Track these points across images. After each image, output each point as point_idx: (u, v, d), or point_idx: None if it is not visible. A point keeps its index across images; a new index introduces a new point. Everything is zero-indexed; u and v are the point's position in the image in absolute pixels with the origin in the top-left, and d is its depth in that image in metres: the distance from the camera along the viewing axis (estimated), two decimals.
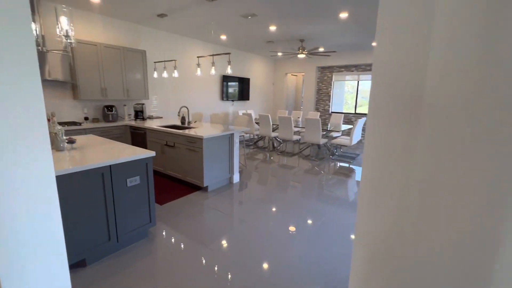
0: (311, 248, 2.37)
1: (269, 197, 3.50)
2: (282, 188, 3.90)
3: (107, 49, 4.37)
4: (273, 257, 2.21)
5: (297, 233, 2.60)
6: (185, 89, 6.25)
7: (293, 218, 2.94)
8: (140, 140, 4.34)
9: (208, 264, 2.11)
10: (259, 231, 2.62)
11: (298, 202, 3.38)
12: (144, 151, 2.34)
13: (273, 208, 3.16)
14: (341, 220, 2.92)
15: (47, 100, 4.00)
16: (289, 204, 3.29)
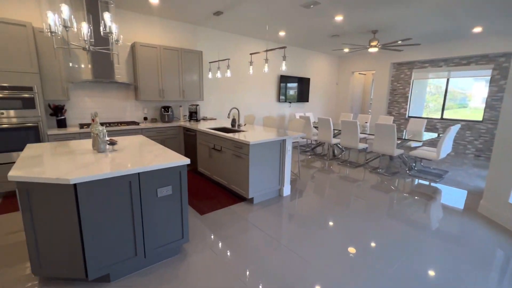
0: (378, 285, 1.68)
1: (325, 216, 2.87)
2: (342, 205, 3.20)
3: (166, 51, 4.44)
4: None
5: (358, 266, 1.93)
6: (239, 90, 6.05)
7: (353, 244, 2.26)
8: (191, 142, 4.26)
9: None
10: (311, 259, 2.05)
11: (361, 225, 2.65)
12: (179, 157, 2.07)
13: (330, 231, 2.53)
14: (419, 254, 2.09)
15: (114, 100, 4.26)
16: (350, 227, 2.59)
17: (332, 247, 2.33)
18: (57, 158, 1.99)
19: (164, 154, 2.16)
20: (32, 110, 3.22)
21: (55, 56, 3.48)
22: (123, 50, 4.29)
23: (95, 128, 2.18)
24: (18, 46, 3.06)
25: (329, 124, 5.16)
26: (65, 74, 3.59)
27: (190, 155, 4.40)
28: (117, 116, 4.40)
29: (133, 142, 2.71)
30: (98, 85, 4.14)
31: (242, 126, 4.11)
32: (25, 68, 3.13)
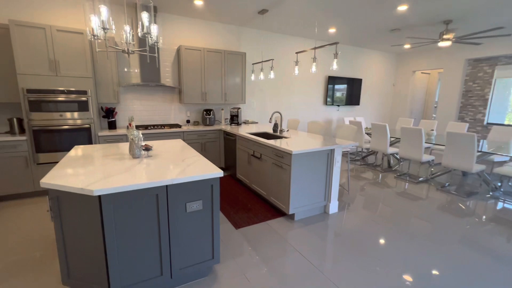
0: None
1: (379, 240, 2.36)
2: (399, 227, 2.63)
3: (210, 54, 4.37)
4: None
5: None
6: (282, 92, 5.72)
7: (413, 277, 1.75)
8: (231, 146, 4.09)
9: None
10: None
11: (423, 253, 2.08)
12: (211, 168, 1.85)
13: (384, 259, 2.04)
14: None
15: (160, 103, 4.34)
16: (410, 256, 2.05)
17: (386, 280, 1.85)
18: (93, 162, 1.95)
19: (197, 164, 1.97)
20: (86, 112, 3.40)
21: (109, 61, 3.65)
22: (169, 54, 4.36)
23: (131, 132, 2.10)
24: (76, 52, 3.26)
25: (385, 130, 4.49)
26: (116, 78, 3.75)
27: (230, 160, 4.24)
28: (162, 119, 4.49)
29: (170, 147, 2.61)
30: (145, 89, 4.27)
31: (284, 132, 3.78)
32: (81, 73, 3.32)
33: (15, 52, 2.96)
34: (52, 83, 3.19)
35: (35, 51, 3.05)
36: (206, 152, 4.37)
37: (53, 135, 3.26)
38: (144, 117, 4.34)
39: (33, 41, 3.03)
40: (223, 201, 3.30)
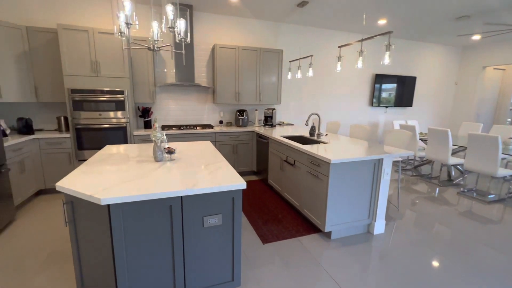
0: None
1: (434, 272, 1.87)
2: (462, 257, 2.07)
3: (245, 52, 4.18)
4: None
5: None
6: (321, 92, 5.27)
7: None
8: (264, 150, 3.84)
9: None
10: None
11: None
12: (234, 179, 1.61)
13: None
14: None
15: (194, 103, 4.30)
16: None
17: None
18: (114, 165, 1.87)
19: (220, 171, 1.75)
20: (123, 112, 3.48)
21: (146, 61, 3.69)
22: (205, 54, 4.29)
23: (154, 134, 1.98)
24: (115, 53, 3.34)
25: (446, 137, 3.78)
26: (152, 78, 3.78)
27: (262, 164, 3.99)
28: (195, 119, 4.44)
29: (196, 150, 2.45)
30: (180, 89, 4.26)
31: (322, 136, 3.39)
32: (119, 73, 3.40)
33: (62, 54, 3.13)
34: (93, 84, 3.31)
35: (79, 53, 3.19)
36: (237, 154, 4.19)
37: (93, 133, 3.39)
38: (178, 117, 4.34)
39: (77, 44, 3.17)
40: (251, 209, 3.07)
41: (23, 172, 3.00)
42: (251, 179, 4.18)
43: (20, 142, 2.96)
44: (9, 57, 3.06)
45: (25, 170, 3.03)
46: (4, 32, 2.99)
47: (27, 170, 3.07)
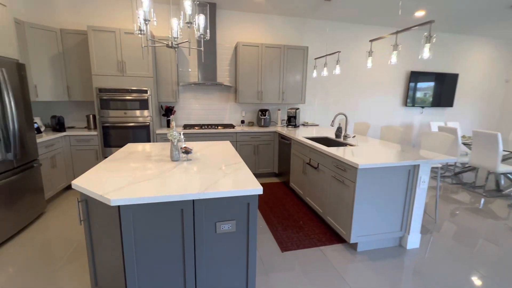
0: None
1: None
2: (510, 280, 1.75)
3: (268, 49, 4.06)
4: None
5: None
6: (349, 91, 4.96)
7: None
8: (286, 151, 3.69)
9: None
10: None
11: None
12: (250, 183, 1.49)
13: None
14: None
15: (216, 102, 4.26)
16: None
17: None
18: (131, 164, 1.85)
19: (236, 174, 1.65)
20: (146, 110, 3.53)
21: (169, 60, 3.72)
22: (227, 52, 4.23)
23: (170, 133, 1.93)
24: (141, 53, 3.40)
25: (495, 142, 3.32)
26: (175, 77, 3.81)
27: (284, 166, 3.83)
28: (217, 118, 4.41)
29: (214, 150, 2.38)
30: (202, 88, 4.25)
31: (349, 138, 3.15)
32: (144, 72, 3.45)
33: (91, 54, 3.24)
34: (119, 83, 3.40)
35: (106, 53, 3.29)
36: (258, 155, 4.08)
37: (118, 131, 3.48)
38: (200, 116, 4.33)
39: (105, 44, 3.27)
40: (271, 213, 2.93)
41: (54, 167, 3.15)
42: (272, 181, 4.04)
43: (52, 138, 3.11)
44: (45, 59, 3.24)
45: (56, 166, 3.19)
46: (41, 35, 3.17)
47: (58, 166, 3.23)
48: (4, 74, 2.24)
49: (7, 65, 2.30)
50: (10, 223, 2.33)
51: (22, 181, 2.48)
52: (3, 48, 2.36)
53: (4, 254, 2.15)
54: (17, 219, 2.42)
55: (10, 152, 2.31)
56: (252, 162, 4.08)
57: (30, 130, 2.63)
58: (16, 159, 2.40)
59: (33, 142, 2.66)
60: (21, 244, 2.28)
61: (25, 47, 3.03)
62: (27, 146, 2.57)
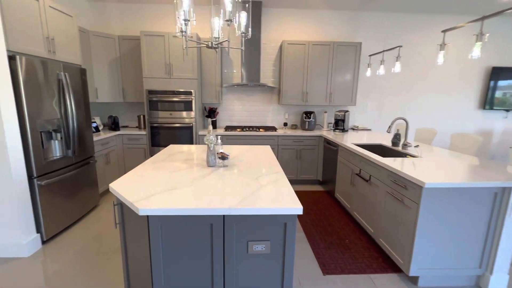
0: None
1: None
2: None
3: (315, 47, 3.77)
4: None
5: None
6: (410, 91, 4.33)
7: None
8: (332, 158, 3.36)
9: None
10: None
11: None
12: (288, 200, 1.29)
13: None
14: None
15: (259, 104, 4.15)
16: None
17: None
18: (167, 167, 1.82)
19: (273, 186, 1.47)
20: (190, 112, 3.59)
21: (213, 62, 3.73)
22: (272, 52, 4.07)
23: (207, 138, 1.84)
24: (187, 56, 3.46)
25: None
26: (219, 78, 3.80)
27: (329, 174, 3.51)
28: (259, 120, 4.29)
29: (253, 155, 2.24)
30: (245, 89, 4.17)
31: (410, 147, 2.69)
32: (189, 74, 3.51)
33: (143, 58, 3.42)
34: (166, 85, 3.52)
35: (156, 56, 3.43)
36: (301, 160, 3.82)
37: (164, 132, 3.61)
38: (242, 118, 4.26)
39: (155, 48, 3.41)
40: (312, 226, 2.67)
41: (108, 163, 3.41)
42: (315, 189, 3.75)
43: (107, 137, 3.37)
44: (105, 64, 3.53)
45: (110, 162, 3.45)
46: (102, 42, 3.46)
47: (112, 162, 3.49)
48: (67, 78, 2.46)
49: (70, 70, 2.53)
50: (70, 213, 2.56)
51: (80, 175, 2.71)
52: (68, 55, 2.60)
53: (63, 240, 2.35)
54: (75, 210, 2.64)
55: (70, 149, 2.53)
56: (294, 167, 3.84)
57: (88, 129, 2.87)
58: (75, 155, 2.62)
59: (90, 140, 2.90)
60: (76, 233, 2.48)
61: (89, 53, 3.33)
62: (85, 144, 2.80)
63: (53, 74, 2.32)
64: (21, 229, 2.09)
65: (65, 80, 2.43)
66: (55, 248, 2.24)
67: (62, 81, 2.41)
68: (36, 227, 2.23)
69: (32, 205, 2.19)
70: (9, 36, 1.97)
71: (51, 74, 2.29)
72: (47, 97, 2.26)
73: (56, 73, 2.35)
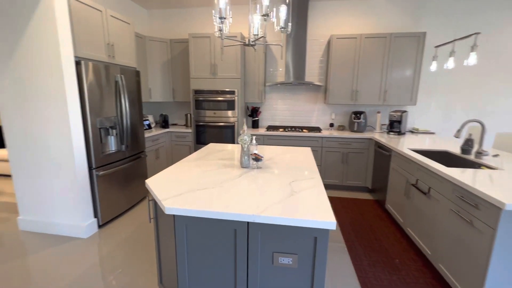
0: None
1: None
2: None
3: (368, 41, 3.41)
4: None
5: None
6: (488, 87, 3.58)
7: None
8: (383, 164, 3.00)
9: None
10: None
11: None
12: (322, 211, 1.15)
13: None
14: None
15: (303, 103, 3.99)
16: None
17: None
18: (201, 166, 1.83)
19: (306, 194, 1.33)
20: (232, 111, 3.63)
21: (257, 61, 3.70)
22: (319, 49, 3.83)
23: (241, 138, 1.80)
24: (230, 55, 3.50)
25: None
26: (262, 77, 3.75)
27: (379, 181, 3.15)
28: (303, 120, 4.10)
29: (290, 158, 2.11)
30: (289, 88, 4.03)
31: (487, 156, 2.20)
32: (232, 74, 3.55)
33: (190, 59, 3.58)
34: (211, 85, 3.62)
35: (202, 57, 3.56)
36: (347, 165, 3.51)
37: (208, 130, 3.73)
38: (285, 117, 4.14)
39: (201, 49, 3.53)
40: (356, 238, 2.41)
41: (157, 158, 3.68)
42: (362, 197, 3.40)
43: (158, 134, 3.63)
44: (158, 66, 3.81)
45: (159, 157, 3.71)
46: (156, 46, 3.74)
47: (161, 157, 3.76)
48: (123, 80, 2.70)
49: (126, 72, 2.78)
50: (122, 202, 2.83)
51: (131, 168, 2.97)
52: (125, 59, 2.87)
53: (115, 226, 2.61)
54: (127, 200, 2.91)
55: (123, 144, 2.78)
56: (339, 172, 3.56)
57: (141, 127, 3.12)
58: (128, 150, 2.88)
59: (142, 137, 3.15)
60: (127, 221, 2.72)
61: (144, 57, 3.64)
62: (137, 140, 3.06)
63: (112, 77, 2.57)
64: (82, 213, 2.37)
65: (121, 81, 2.68)
66: (108, 233, 2.49)
67: (119, 83, 2.66)
68: (94, 213, 2.51)
69: (91, 193, 2.47)
70: (77, 44, 2.24)
71: (110, 77, 2.55)
72: (106, 97, 2.52)
73: (114, 76, 2.61)
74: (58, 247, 2.26)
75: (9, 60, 2.21)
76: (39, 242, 2.33)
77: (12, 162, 2.41)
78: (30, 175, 2.39)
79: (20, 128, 2.32)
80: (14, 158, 2.40)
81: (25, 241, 2.35)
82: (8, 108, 2.30)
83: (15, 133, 2.34)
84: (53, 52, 2.10)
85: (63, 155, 2.28)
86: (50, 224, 2.45)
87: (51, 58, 2.12)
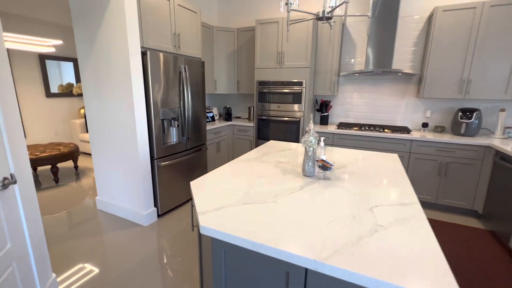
0: None
1: None
2: None
3: (495, 10, 2.44)
4: None
5: None
6: None
7: None
8: (505, 181, 2.12)
9: None
10: None
11: None
12: (431, 271, 0.68)
13: None
14: None
15: (386, 97, 3.33)
16: None
17: None
18: (255, 169, 1.53)
19: (397, 231, 0.87)
20: (298, 104, 3.22)
21: (331, 47, 3.17)
22: (414, 27, 3.02)
23: (305, 139, 1.42)
24: (300, 41, 3.08)
25: None
26: (336, 66, 3.21)
27: (497, 205, 2.27)
28: (385, 118, 3.36)
29: (371, 167, 1.61)
30: (369, 78, 3.34)
31: None
32: (301, 63, 3.13)
33: (256, 48, 3.32)
34: (276, 75, 3.29)
35: (268, 45, 3.25)
36: (446, 178, 2.68)
37: (270, 125, 3.44)
38: (361, 113, 3.48)
39: (268, 36, 3.22)
40: (461, 284, 1.72)
41: (218, 151, 3.61)
42: (466, 224, 2.54)
43: (220, 126, 3.55)
44: (224, 57, 3.70)
45: (220, 150, 3.64)
46: (224, 36, 3.63)
47: (222, 150, 3.68)
48: (186, 70, 2.64)
49: (191, 63, 2.71)
50: (181, 193, 2.84)
51: (192, 161, 2.94)
52: (190, 49, 2.81)
53: (171, 217, 2.62)
54: (185, 192, 2.91)
55: (184, 136, 2.75)
56: (433, 186, 2.75)
57: (203, 119, 3.06)
58: (189, 142, 2.85)
59: (203, 129, 3.09)
60: (182, 213, 2.71)
61: (211, 47, 3.57)
62: (199, 132, 3.01)
63: (176, 67, 2.53)
64: (144, 202, 2.44)
65: (185, 72, 2.62)
66: (166, 223, 2.50)
67: (182, 74, 2.60)
68: (154, 202, 2.56)
69: (152, 183, 2.51)
70: (144, 34, 2.24)
71: (175, 67, 2.51)
72: (169, 88, 2.49)
73: (179, 66, 2.56)
74: (125, 230, 2.39)
75: (89, 56, 2.38)
76: (110, 223, 2.51)
77: (92, 145, 2.66)
78: (105, 159, 2.59)
79: (97, 116, 2.51)
80: (94, 142, 2.63)
81: (101, 220, 2.57)
82: (89, 98, 2.51)
83: (94, 119, 2.55)
84: (121, 44, 2.14)
85: (128, 144, 2.35)
86: (119, 208, 2.61)
87: (120, 50, 2.16)
